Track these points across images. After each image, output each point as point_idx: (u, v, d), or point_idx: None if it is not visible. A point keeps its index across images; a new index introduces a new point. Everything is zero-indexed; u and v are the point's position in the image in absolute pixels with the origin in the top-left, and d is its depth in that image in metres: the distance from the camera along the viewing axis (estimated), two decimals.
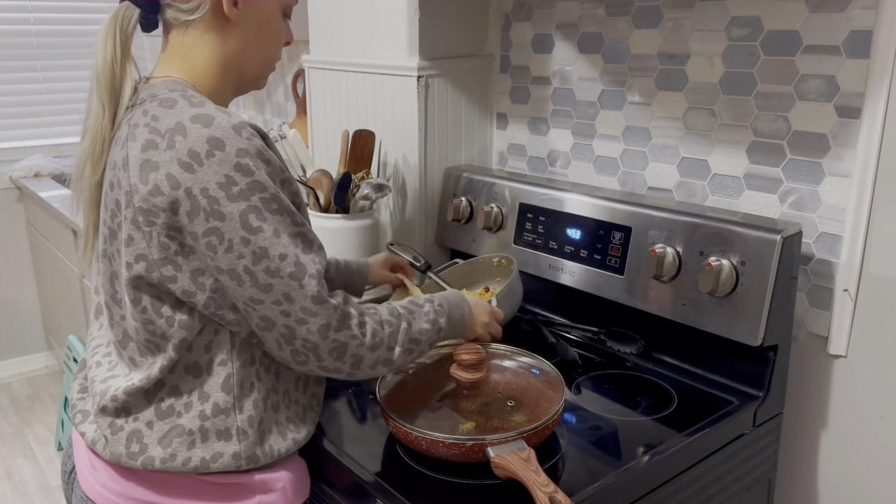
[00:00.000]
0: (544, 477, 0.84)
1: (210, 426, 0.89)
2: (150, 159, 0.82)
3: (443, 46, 1.55)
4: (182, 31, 0.92)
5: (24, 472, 2.50)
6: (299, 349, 0.87)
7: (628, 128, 1.40)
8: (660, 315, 1.19)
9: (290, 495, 0.95)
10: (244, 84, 0.99)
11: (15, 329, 3.15)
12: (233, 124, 0.83)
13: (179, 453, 0.88)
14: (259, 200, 0.82)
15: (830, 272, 1.15)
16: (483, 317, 1.08)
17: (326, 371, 0.90)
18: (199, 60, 0.92)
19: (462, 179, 1.53)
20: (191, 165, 0.81)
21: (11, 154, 3.05)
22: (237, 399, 0.90)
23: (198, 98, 0.86)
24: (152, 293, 0.86)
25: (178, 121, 0.83)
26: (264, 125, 2.69)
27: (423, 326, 0.95)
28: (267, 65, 1.00)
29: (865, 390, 1.15)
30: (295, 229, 0.85)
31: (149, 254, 0.84)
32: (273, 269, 0.83)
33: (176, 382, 0.89)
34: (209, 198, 0.81)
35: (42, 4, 3.01)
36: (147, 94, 0.88)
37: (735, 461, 1.10)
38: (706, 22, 1.24)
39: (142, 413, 0.89)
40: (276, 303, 0.84)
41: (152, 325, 0.87)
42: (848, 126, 1.10)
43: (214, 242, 0.82)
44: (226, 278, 0.84)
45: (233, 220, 0.81)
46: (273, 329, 0.86)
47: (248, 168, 0.82)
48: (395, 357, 0.92)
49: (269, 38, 0.97)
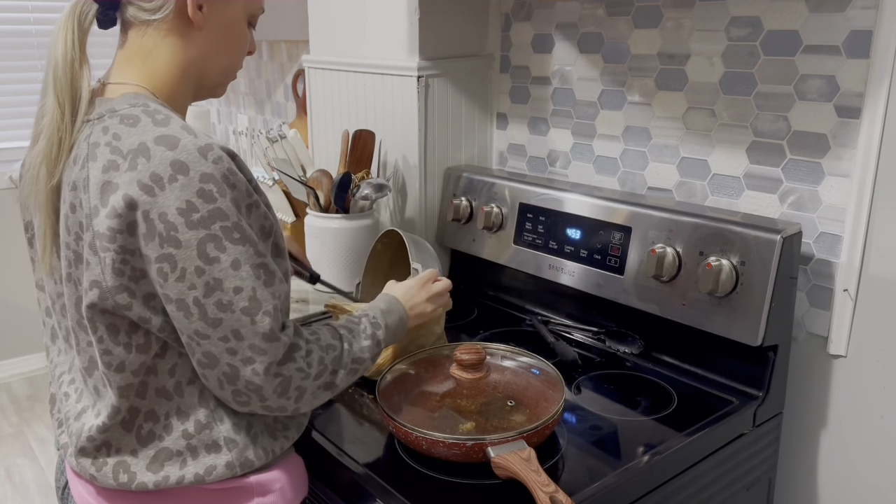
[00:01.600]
0: (545, 477, 0.84)
1: (197, 442, 0.87)
2: (111, 181, 0.78)
3: (443, 46, 1.55)
4: (142, 32, 0.88)
5: (24, 472, 2.50)
6: (241, 390, 0.82)
7: (628, 128, 1.40)
8: (660, 315, 1.19)
9: (289, 495, 0.94)
10: (203, 91, 0.95)
11: (15, 329, 3.15)
12: (199, 146, 0.78)
13: (172, 474, 0.86)
14: (220, 229, 0.78)
15: (830, 272, 1.15)
16: (418, 297, 1.07)
17: (270, 411, 0.85)
18: (159, 64, 0.89)
19: (462, 179, 1.53)
20: (151, 189, 0.77)
21: (11, 154, 3.05)
22: (215, 411, 0.87)
23: (161, 114, 0.82)
24: (107, 321, 0.82)
25: (140, 141, 0.79)
26: (264, 125, 2.69)
27: (363, 344, 0.93)
28: (228, 73, 0.96)
29: (865, 390, 1.15)
30: (257, 260, 0.81)
31: (103, 280, 0.80)
32: (225, 303, 0.79)
33: (151, 407, 0.86)
34: (167, 223, 0.77)
35: (42, 4, 3.01)
36: (106, 109, 0.84)
37: (735, 461, 1.10)
38: (706, 22, 1.24)
39: (123, 443, 0.86)
40: (222, 339, 0.79)
41: (109, 354, 0.83)
42: (848, 126, 1.10)
43: (166, 269, 0.78)
44: (173, 308, 0.79)
45: (189, 248, 0.77)
46: (216, 367, 0.81)
47: (211, 194, 0.78)
48: (339, 380, 0.89)
49: (232, 45, 0.94)
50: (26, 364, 3.20)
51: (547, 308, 1.43)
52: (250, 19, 0.96)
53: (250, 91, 2.77)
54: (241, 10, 0.93)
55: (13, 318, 3.13)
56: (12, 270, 3.09)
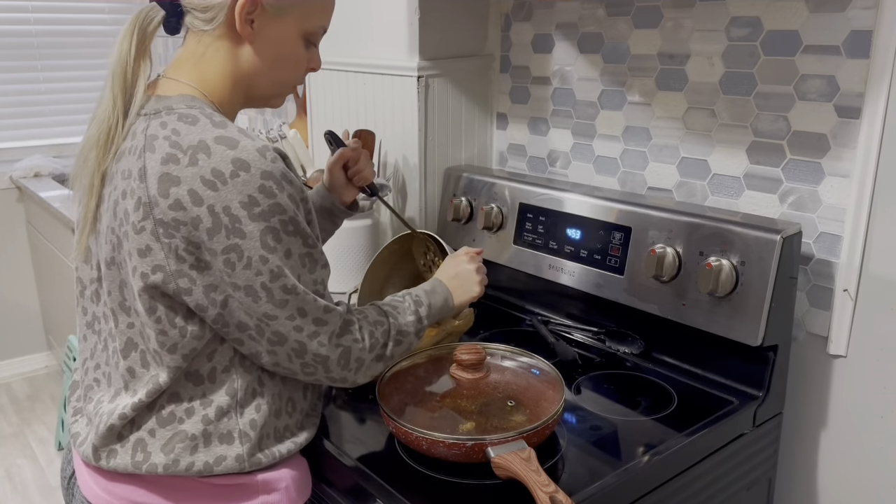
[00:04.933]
0: (545, 477, 0.84)
1: (213, 430, 0.89)
2: (171, 173, 0.82)
3: (443, 46, 1.55)
4: (198, 39, 0.92)
5: (24, 472, 2.50)
6: (309, 362, 0.89)
7: (628, 128, 1.40)
8: (660, 315, 1.19)
9: (293, 494, 0.95)
10: (255, 101, 0.98)
11: (15, 329, 3.15)
12: (257, 147, 0.84)
13: (182, 458, 0.88)
14: (278, 222, 0.84)
15: (830, 272, 1.15)
16: (467, 278, 1.11)
17: (332, 381, 0.93)
18: (211, 71, 0.92)
19: (462, 179, 1.53)
20: (214, 183, 0.82)
21: (11, 154, 3.05)
22: (240, 403, 0.90)
23: (218, 118, 0.87)
24: (167, 303, 0.86)
25: (200, 139, 0.83)
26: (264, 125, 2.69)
27: (408, 319, 0.99)
28: (281, 86, 0.98)
29: (865, 390, 1.15)
30: (305, 250, 0.88)
31: (166, 265, 0.84)
32: (290, 287, 0.86)
33: (176, 389, 0.89)
34: (231, 216, 0.82)
35: (42, 4, 3.01)
36: (163, 106, 0.88)
37: (735, 461, 1.10)
38: (706, 22, 1.24)
39: (145, 422, 0.89)
40: (289, 318, 0.86)
41: (164, 335, 0.87)
42: (848, 126, 1.10)
43: (234, 259, 0.83)
44: (241, 294, 0.85)
45: (253, 238, 0.83)
46: (285, 344, 0.87)
47: (271, 190, 0.84)
48: (388, 352, 0.96)
49: (283, 61, 0.95)
50: (26, 364, 3.20)
51: (547, 308, 1.43)
52: (310, 37, 0.96)
53: None
54: (294, 28, 0.93)
55: (13, 318, 3.13)
56: (12, 270, 3.09)
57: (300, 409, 0.97)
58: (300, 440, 0.95)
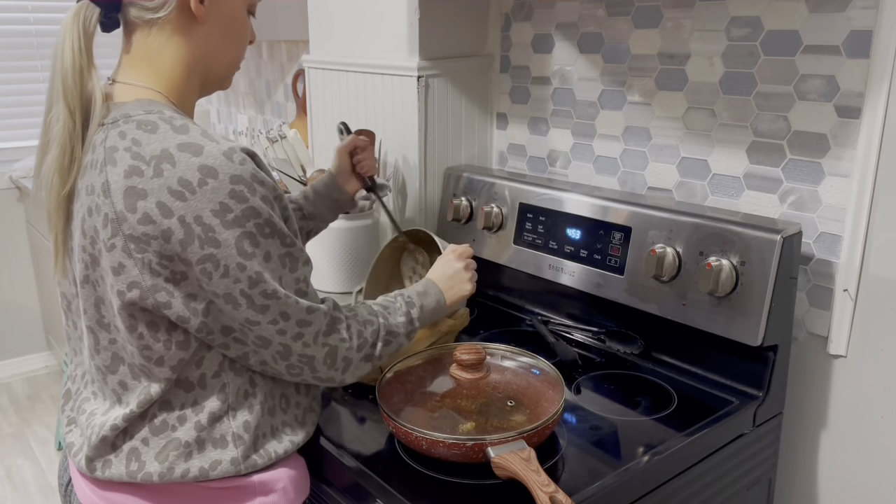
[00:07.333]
0: (545, 477, 0.84)
1: (206, 436, 0.88)
2: (136, 186, 0.80)
3: (443, 46, 1.55)
4: (146, 32, 0.88)
5: (24, 472, 2.50)
6: (294, 363, 0.89)
7: (628, 128, 1.40)
8: (660, 315, 1.19)
9: (291, 495, 0.95)
10: (210, 85, 0.96)
11: (15, 329, 3.15)
12: (223, 151, 0.81)
13: (177, 466, 0.87)
14: (254, 226, 0.82)
15: (830, 272, 1.15)
16: (457, 277, 1.11)
17: (320, 381, 0.92)
18: (165, 64, 0.89)
19: (462, 179, 1.53)
20: (182, 194, 0.79)
21: (11, 154, 3.05)
22: (232, 406, 0.89)
23: (179, 121, 0.84)
24: (147, 318, 0.84)
25: (163, 148, 0.80)
26: (264, 125, 2.69)
27: (398, 320, 0.99)
28: (233, 65, 0.97)
29: (865, 390, 1.15)
30: (284, 250, 0.86)
31: (142, 281, 0.82)
32: (270, 292, 0.84)
33: (167, 398, 0.88)
34: (203, 225, 0.80)
35: (42, 4, 3.01)
36: (120, 114, 0.85)
37: (735, 461, 1.10)
38: (706, 22, 1.24)
39: (138, 432, 0.88)
40: (272, 322, 0.85)
41: (149, 349, 0.85)
42: (848, 126, 1.10)
43: (210, 269, 0.81)
44: (221, 302, 0.83)
45: (228, 246, 0.81)
46: (269, 347, 0.87)
47: (243, 195, 0.81)
48: (377, 353, 0.96)
49: (235, 36, 0.95)
50: (26, 364, 3.20)
51: (547, 308, 1.43)
52: (250, 8, 0.97)
53: (250, 91, 2.77)
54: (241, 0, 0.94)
55: (13, 318, 3.13)
56: (12, 270, 3.09)
57: (294, 403, 0.96)
58: (298, 439, 0.95)
